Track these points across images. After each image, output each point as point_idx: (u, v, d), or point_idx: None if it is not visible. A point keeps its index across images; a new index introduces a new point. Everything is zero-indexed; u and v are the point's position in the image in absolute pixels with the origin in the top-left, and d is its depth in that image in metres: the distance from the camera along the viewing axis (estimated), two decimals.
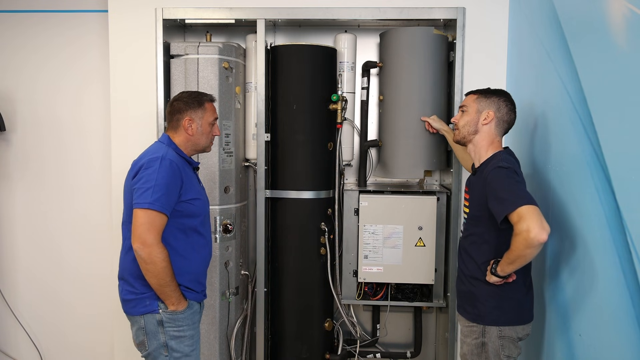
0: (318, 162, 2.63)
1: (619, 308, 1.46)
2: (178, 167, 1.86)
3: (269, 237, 2.70)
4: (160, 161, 1.83)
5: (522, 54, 2.36)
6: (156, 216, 1.77)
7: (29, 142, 3.03)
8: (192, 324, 1.93)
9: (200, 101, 2.00)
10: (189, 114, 1.97)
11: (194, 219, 1.93)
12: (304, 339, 2.67)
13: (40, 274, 3.08)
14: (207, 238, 2.02)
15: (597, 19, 1.61)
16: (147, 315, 1.86)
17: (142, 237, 1.76)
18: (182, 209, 1.88)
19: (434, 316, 2.98)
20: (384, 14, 2.54)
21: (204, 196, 2.02)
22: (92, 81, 2.96)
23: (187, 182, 1.89)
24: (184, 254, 1.92)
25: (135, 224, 1.77)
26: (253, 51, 2.66)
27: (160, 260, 1.77)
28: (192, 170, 2.02)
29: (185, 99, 1.99)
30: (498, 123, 1.93)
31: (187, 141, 1.99)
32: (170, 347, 1.87)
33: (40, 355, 3.12)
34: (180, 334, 1.89)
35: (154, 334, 1.87)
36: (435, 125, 2.49)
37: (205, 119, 2.00)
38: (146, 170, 1.82)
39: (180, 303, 1.86)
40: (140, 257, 1.77)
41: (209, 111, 2.01)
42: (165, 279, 1.80)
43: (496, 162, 1.83)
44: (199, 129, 1.98)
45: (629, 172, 1.41)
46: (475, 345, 1.88)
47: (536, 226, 1.59)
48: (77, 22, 2.95)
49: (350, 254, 2.68)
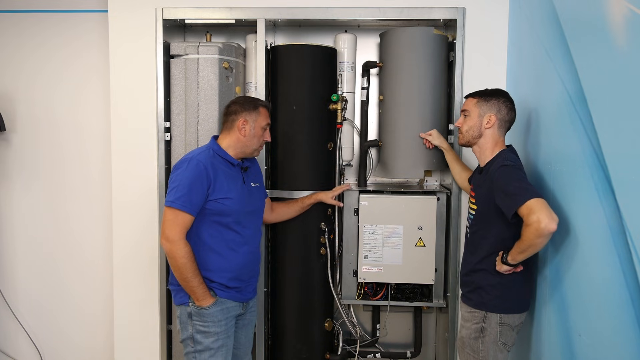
0: (318, 162, 2.63)
1: (619, 308, 1.46)
2: (206, 167, 1.96)
3: (269, 237, 2.70)
4: (187, 162, 1.98)
5: (522, 53, 2.36)
6: (178, 214, 1.92)
7: (28, 142, 3.03)
8: (218, 321, 2.01)
9: (256, 105, 2.11)
10: (244, 115, 2.07)
11: (226, 217, 2.02)
12: (304, 339, 2.67)
13: (40, 274, 3.08)
14: (245, 236, 2.09)
15: (597, 19, 1.61)
16: (181, 307, 2.03)
17: (166, 233, 1.93)
18: (212, 207, 1.99)
19: (434, 316, 2.98)
20: (384, 14, 2.54)
21: (239, 195, 2.06)
22: (92, 81, 2.96)
23: (219, 182, 1.99)
24: (220, 251, 2.03)
25: (162, 220, 1.97)
26: (253, 51, 2.66)
27: (180, 257, 1.91)
28: (239, 170, 2.11)
29: (242, 101, 2.12)
30: (500, 124, 2.03)
31: (238, 142, 2.08)
32: (196, 340, 2.00)
33: (40, 355, 3.12)
34: (206, 329, 2.00)
35: (185, 325, 2.02)
36: (435, 142, 2.51)
37: (259, 123, 2.09)
38: (175, 171, 1.99)
39: (205, 299, 1.97)
40: (165, 251, 1.95)
41: (262, 115, 2.11)
42: (185, 275, 1.92)
43: (501, 161, 1.94)
44: (252, 131, 2.08)
45: (629, 172, 1.41)
46: (475, 330, 1.98)
47: (546, 217, 1.69)
48: (76, 22, 2.95)
49: (350, 254, 2.68)
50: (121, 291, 2.70)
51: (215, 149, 2.07)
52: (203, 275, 2.00)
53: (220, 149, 2.07)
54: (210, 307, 1.99)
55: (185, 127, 2.57)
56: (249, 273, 2.14)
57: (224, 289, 2.04)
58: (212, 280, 2.02)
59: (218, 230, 2.03)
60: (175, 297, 2.05)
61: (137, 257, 2.65)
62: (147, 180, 2.61)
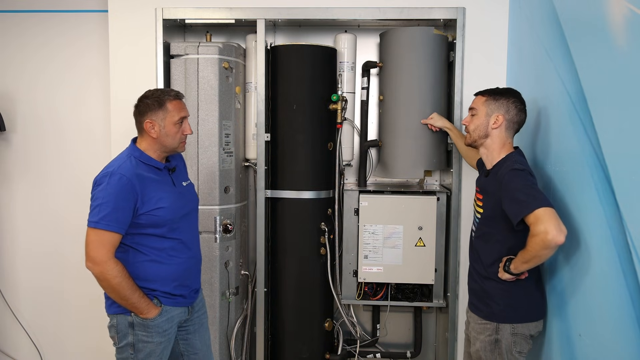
0: (318, 162, 2.63)
1: (619, 308, 1.46)
2: (130, 180, 1.78)
3: (269, 237, 2.70)
4: (109, 177, 1.78)
5: (522, 53, 2.36)
6: (104, 234, 1.76)
7: (29, 142, 3.03)
8: (163, 331, 1.89)
9: (161, 101, 1.86)
10: (149, 116, 1.85)
11: (160, 228, 1.86)
12: (304, 339, 2.67)
13: (40, 274, 3.08)
14: (184, 241, 1.94)
15: (597, 19, 1.61)
16: (119, 316, 1.87)
17: (91, 255, 1.76)
18: (144, 220, 1.82)
19: (434, 316, 2.98)
20: (384, 14, 2.54)
21: (172, 202, 1.89)
22: (92, 81, 2.96)
23: (148, 193, 1.82)
24: (160, 260, 1.88)
25: (85, 242, 1.77)
26: (253, 51, 2.66)
27: (113, 277, 1.76)
28: (167, 172, 1.94)
29: (146, 99, 1.88)
30: (508, 125, 1.93)
31: (154, 144, 1.88)
32: (137, 348, 1.87)
33: (40, 355, 3.12)
34: (149, 340, 1.87)
35: (124, 333, 1.87)
36: (437, 124, 2.49)
37: (169, 120, 1.86)
38: (97, 188, 1.80)
39: (150, 311, 1.84)
40: (94, 275, 1.77)
41: (171, 111, 1.87)
42: (123, 293, 1.78)
43: (510, 165, 1.85)
44: (163, 131, 1.86)
45: (629, 172, 1.41)
46: (489, 342, 1.91)
47: (554, 228, 1.62)
48: (77, 22, 2.95)
49: (350, 254, 2.68)
50: None
51: (137, 155, 1.87)
52: (145, 287, 1.85)
53: (142, 153, 1.87)
54: (156, 319, 1.85)
55: None
56: (192, 277, 2.00)
57: (169, 297, 1.90)
58: (154, 289, 1.87)
59: (154, 240, 1.86)
60: (111, 307, 1.88)
61: None
62: None
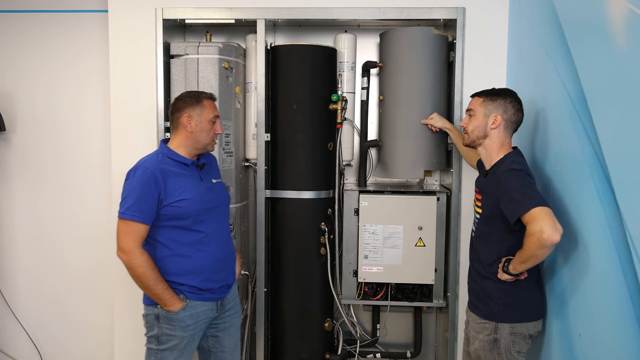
0: (318, 162, 2.63)
1: (619, 308, 1.46)
2: (153, 173, 1.90)
3: (269, 237, 2.70)
4: (134, 172, 1.93)
5: (522, 53, 2.36)
6: (130, 224, 1.87)
7: (29, 142, 3.03)
8: (186, 326, 1.96)
9: (199, 98, 2.03)
10: (188, 111, 2.00)
11: (185, 220, 1.96)
12: (304, 339, 2.67)
13: (40, 274, 3.08)
14: (209, 234, 2.02)
15: (597, 19, 1.61)
16: (149, 307, 1.99)
17: (120, 244, 1.89)
18: (169, 212, 1.93)
19: (434, 316, 2.98)
20: (384, 14, 2.54)
21: (197, 195, 1.98)
22: (92, 81, 2.96)
23: (171, 185, 1.93)
24: (185, 254, 1.97)
25: (116, 232, 1.91)
26: (253, 51, 2.66)
27: (138, 266, 1.87)
28: (195, 169, 2.04)
29: (184, 97, 2.04)
30: (506, 125, 1.95)
31: (187, 139, 2.01)
32: (160, 340, 1.96)
33: (40, 355, 3.12)
34: (172, 333, 1.95)
35: (151, 324, 1.98)
36: (438, 125, 2.49)
37: (204, 116, 2.01)
38: (125, 182, 1.94)
39: (174, 304, 1.93)
40: (123, 263, 1.89)
41: (207, 108, 2.02)
42: (147, 283, 1.89)
43: (508, 164, 1.86)
44: (198, 126, 2.00)
45: (629, 172, 1.41)
46: (488, 342, 1.92)
47: (549, 227, 1.63)
48: (77, 22, 2.95)
49: (350, 254, 2.68)
50: (121, 291, 2.70)
51: (165, 152, 2.00)
52: (172, 280, 1.95)
53: (170, 151, 2.01)
54: (179, 313, 1.93)
55: None
56: (221, 272, 2.06)
57: (196, 291, 1.98)
58: (182, 284, 1.96)
59: (180, 233, 1.96)
60: (145, 297, 2.00)
61: None
62: None
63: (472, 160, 2.33)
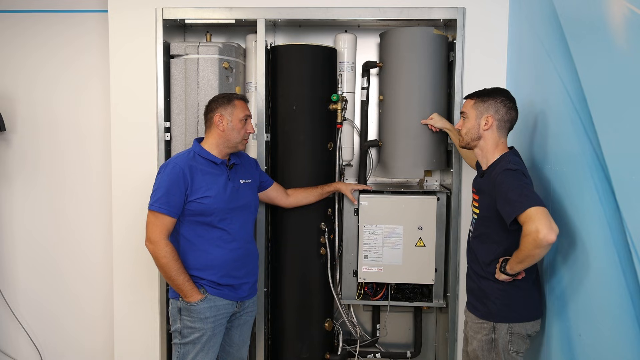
0: (318, 162, 2.63)
1: (619, 308, 1.46)
2: (182, 169, 2.02)
3: (269, 237, 2.70)
4: (166, 167, 2.06)
5: (522, 53, 2.36)
6: (158, 216, 2.00)
7: (28, 142, 3.03)
8: (205, 318, 2.05)
9: (230, 98, 2.15)
10: (219, 110, 2.11)
11: (208, 216, 2.06)
12: (304, 339, 2.67)
13: (39, 274, 3.08)
14: (232, 233, 2.11)
15: (597, 19, 1.61)
16: (173, 300, 2.11)
17: (147, 235, 2.02)
18: (193, 208, 2.04)
19: (434, 316, 2.98)
20: (384, 14, 2.54)
21: (221, 193, 2.08)
22: (92, 81, 2.96)
23: (197, 182, 2.04)
24: (206, 249, 2.08)
25: (146, 223, 2.03)
26: (253, 51, 2.66)
27: (162, 257, 1.99)
28: (224, 168, 2.14)
29: (216, 97, 2.17)
30: (499, 125, 1.95)
31: (219, 138, 2.12)
32: (183, 333, 2.07)
33: (40, 355, 3.12)
34: (193, 325, 2.05)
35: (175, 318, 2.10)
36: (437, 125, 2.49)
37: (236, 115, 2.12)
38: (157, 175, 2.08)
39: (193, 296, 2.03)
40: (149, 252, 2.02)
41: (238, 107, 2.13)
42: (169, 273, 2.00)
43: (504, 165, 1.87)
44: (230, 125, 2.11)
45: (629, 172, 1.41)
46: (486, 342, 1.93)
47: (545, 227, 1.63)
48: (76, 22, 2.94)
49: (350, 254, 2.68)
50: (121, 291, 2.70)
51: (197, 150, 2.11)
52: (194, 275, 2.06)
53: (202, 149, 2.12)
54: (198, 304, 2.04)
55: (185, 127, 2.57)
56: (241, 270, 2.15)
57: (215, 286, 2.08)
58: (202, 278, 2.07)
59: (203, 229, 2.07)
60: (170, 290, 2.13)
61: (138, 257, 2.65)
62: (147, 181, 2.60)
63: (471, 161, 2.34)
